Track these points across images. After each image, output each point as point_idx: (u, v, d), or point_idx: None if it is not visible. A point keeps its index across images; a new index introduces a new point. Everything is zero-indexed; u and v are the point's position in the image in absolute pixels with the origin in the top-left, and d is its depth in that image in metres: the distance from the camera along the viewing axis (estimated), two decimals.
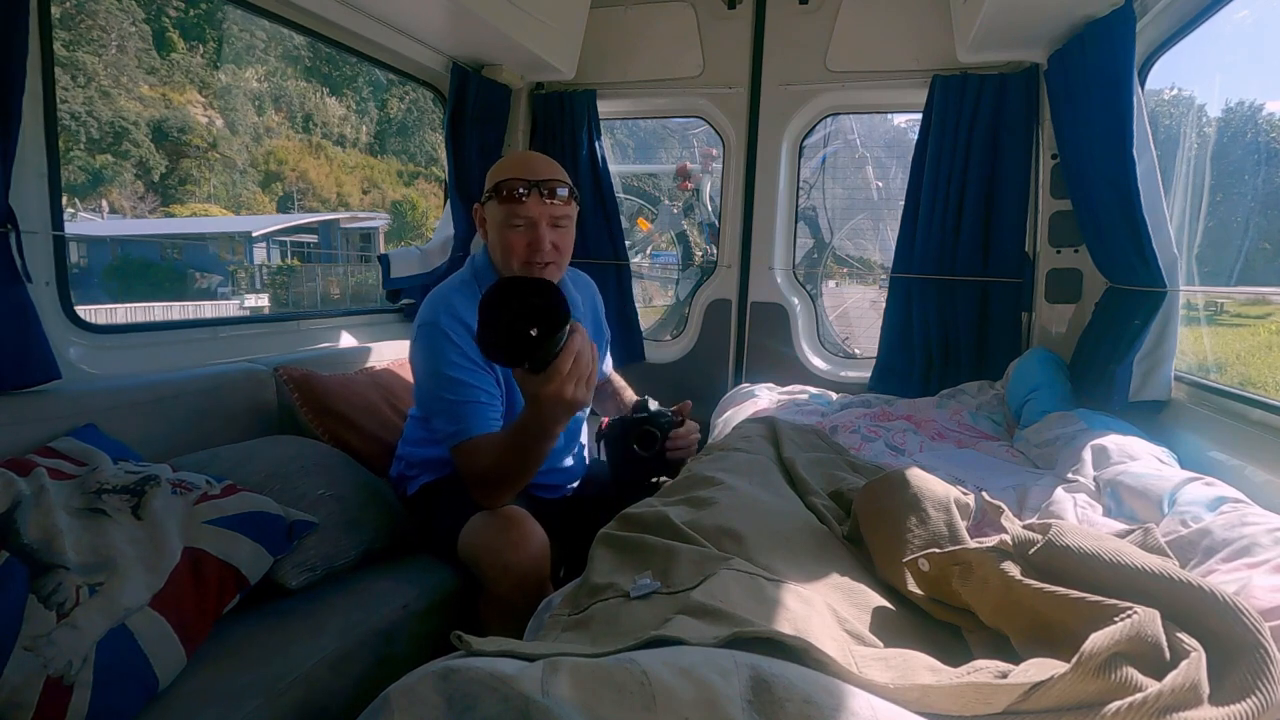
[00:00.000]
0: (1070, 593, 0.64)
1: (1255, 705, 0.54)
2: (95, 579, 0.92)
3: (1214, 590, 0.62)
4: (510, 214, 1.25)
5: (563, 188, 1.27)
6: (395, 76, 2.30)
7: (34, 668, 0.82)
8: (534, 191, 1.24)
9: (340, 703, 1.05)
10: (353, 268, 21.77)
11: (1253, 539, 0.85)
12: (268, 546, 1.11)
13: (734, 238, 2.49)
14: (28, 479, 1.03)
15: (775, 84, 2.37)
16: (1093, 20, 1.63)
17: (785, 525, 1.00)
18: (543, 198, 1.25)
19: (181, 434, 1.44)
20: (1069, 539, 0.69)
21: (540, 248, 1.26)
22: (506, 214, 1.25)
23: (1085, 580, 0.66)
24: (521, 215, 1.25)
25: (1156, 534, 0.77)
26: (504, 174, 1.26)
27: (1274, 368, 5.22)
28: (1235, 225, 4.22)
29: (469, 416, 1.24)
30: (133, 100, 25.07)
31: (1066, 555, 0.68)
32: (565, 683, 0.50)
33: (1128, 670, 0.55)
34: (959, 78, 2.07)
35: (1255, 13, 3.05)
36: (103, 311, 13.05)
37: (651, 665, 0.53)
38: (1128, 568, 0.66)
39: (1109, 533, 0.81)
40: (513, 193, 1.24)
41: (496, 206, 1.26)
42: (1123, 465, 1.24)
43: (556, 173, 1.30)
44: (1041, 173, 2.04)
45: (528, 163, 1.29)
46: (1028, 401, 1.76)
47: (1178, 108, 2.94)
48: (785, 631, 0.63)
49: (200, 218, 24.18)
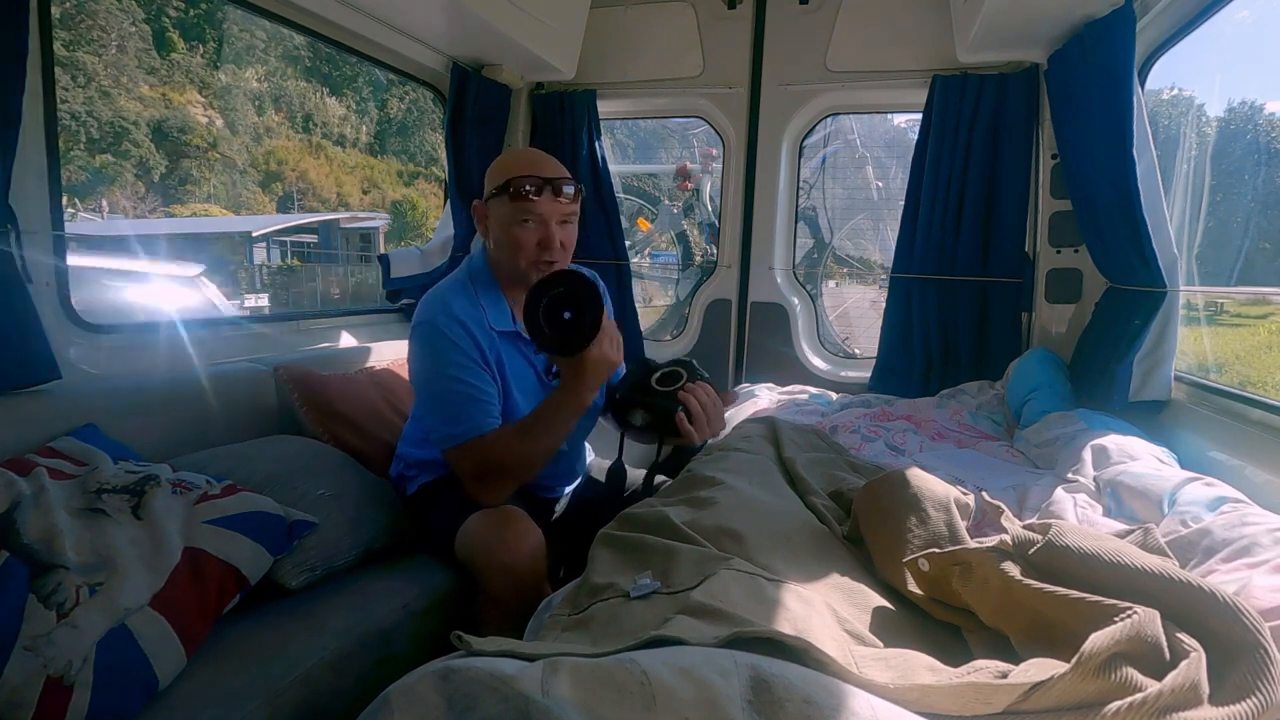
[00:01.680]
0: (1070, 593, 0.64)
1: (1255, 705, 0.54)
2: (95, 579, 0.92)
3: (1214, 590, 0.62)
4: (520, 211, 1.24)
5: (569, 185, 1.27)
6: (395, 76, 2.30)
7: (34, 667, 0.82)
8: (545, 189, 1.24)
9: (340, 703, 1.05)
10: (353, 268, 21.77)
11: (1253, 539, 0.85)
12: (268, 546, 1.11)
13: (734, 238, 2.49)
14: (28, 479, 1.03)
15: (775, 84, 2.37)
16: (1093, 20, 1.63)
17: (785, 525, 1.00)
18: (554, 196, 1.25)
19: (181, 434, 1.44)
20: (1069, 539, 0.69)
21: (551, 245, 1.26)
22: (516, 211, 1.24)
23: (1085, 580, 0.66)
24: (533, 213, 1.24)
25: (1156, 534, 0.77)
26: (512, 171, 1.25)
27: (1274, 367, 5.22)
28: (1235, 225, 4.22)
29: (471, 415, 1.24)
30: (133, 100, 25.07)
31: (1066, 555, 0.68)
32: (565, 682, 0.50)
33: (1127, 670, 0.55)
34: (959, 78, 2.07)
35: (1255, 13, 3.05)
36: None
37: (651, 665, 0.53)
38: (1127, 568, 0.66)
39: (1109, 533, 0.81)
40: (523, 190, 1.23)
41: (505, 204, 1.25)
42: (1123, 465, 1.24)
43: (563, 170, 1.30)
44: (1041, 173, 2.04)
45: (535, 160, 1.29)
46: (1028, 401, 1.76)
47: (1178, 108, 2.94)
48: (785, 631, 0.63)
49: (200, 218, 24.18)
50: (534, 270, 1.26)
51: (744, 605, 0.74)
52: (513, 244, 1.26)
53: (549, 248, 1.26)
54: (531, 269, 1.26)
